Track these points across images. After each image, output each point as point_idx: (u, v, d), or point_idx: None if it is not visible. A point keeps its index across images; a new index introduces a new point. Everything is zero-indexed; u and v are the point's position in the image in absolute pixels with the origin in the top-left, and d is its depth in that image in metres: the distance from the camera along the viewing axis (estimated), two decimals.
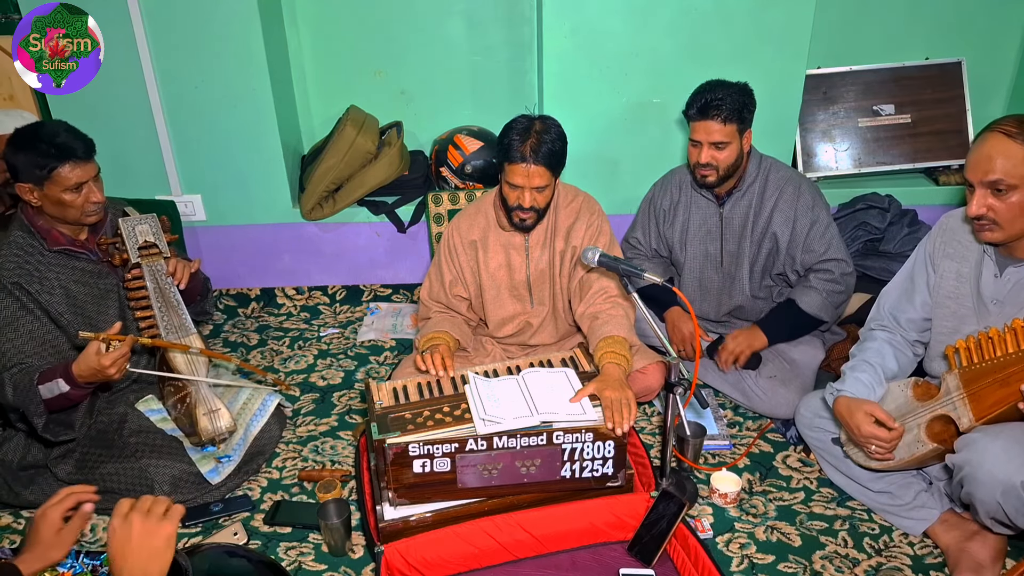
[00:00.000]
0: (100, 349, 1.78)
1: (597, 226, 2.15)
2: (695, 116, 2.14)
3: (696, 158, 2.19)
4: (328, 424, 2.39)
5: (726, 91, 2.10)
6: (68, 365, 1.81)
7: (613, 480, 1.85)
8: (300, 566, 1.85)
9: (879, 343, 1.93)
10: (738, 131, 2.15)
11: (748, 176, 2.27)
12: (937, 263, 1.82)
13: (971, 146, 1.62)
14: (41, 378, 1.83)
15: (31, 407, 1.85)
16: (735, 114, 2.10)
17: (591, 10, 2.60)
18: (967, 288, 1.75)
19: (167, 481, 1.95)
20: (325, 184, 2.85)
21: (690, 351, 2.41)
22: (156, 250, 2.08)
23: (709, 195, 2.33)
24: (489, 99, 3.05)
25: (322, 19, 2.92)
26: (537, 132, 1.94)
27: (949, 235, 1.81)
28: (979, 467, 1.58)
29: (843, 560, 1.83)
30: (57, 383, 1.82)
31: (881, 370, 1.88)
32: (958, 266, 1.78)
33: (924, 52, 3.01)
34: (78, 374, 1.80)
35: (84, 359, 1.79)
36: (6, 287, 1.88)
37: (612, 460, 1.82)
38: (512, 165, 1.95)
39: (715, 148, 2.15)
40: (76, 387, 1.83)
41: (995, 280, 1.70)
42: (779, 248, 2.30)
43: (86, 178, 1.89)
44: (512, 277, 2.18)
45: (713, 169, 2.19)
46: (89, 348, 1.79)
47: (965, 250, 1.77)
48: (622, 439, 1.79)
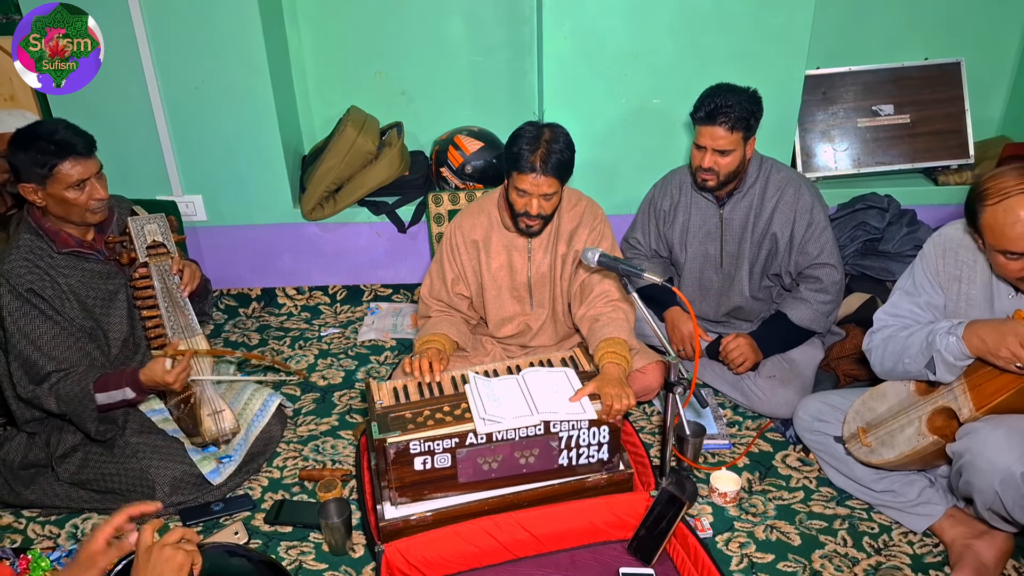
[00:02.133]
0: (167, 365, 1.91)
1: (599, 231, 2.15)
2: (702, 120, 2.13)
3: (699, 162, 2.19)
4: (329, 424, 2.39)
5: (736, 98, 2.09)
6: (135, 374, 1.92)
7: (610, 465, 1.87)
8: (301, 565, 1.85)
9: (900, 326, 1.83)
10: (743, 139, 2.15)
11: (749, 178, 2.27)
12: (946, 286, 1.79)
13: (992, 222, 1.54)
14: (98, 386, 1.90)
15: (85, 414, 1.90)
16: (742, 122, 2.10)
17: (591, 10, 2.60)
18: (976, 312, 1.73)
19: (168, 482, 1.95)
20: (326, 184, 2.86)
21: (689, 351, 2.42)
22: (164, 250, 2.08)
23: (710, 196, 2.33)
24: (489, 100, 3.06)
25: (323, 19, 2.93)
26: (547, 142, 1.93)
27: (951, 255, 1.76)
28: (979, 455, 1.58)
29: (843, 559, 1.83)
30: (123, 391, 1.92)
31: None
32: (967, 288, 1.74)
33: (923, 52, 3.01)
34: (145, 384, 1.93)
35: (151, 372, 1.92)
36: (22, 295, 1.87)
37: (607, 445, 1.84)
38: (521, 174, 1.95)
39: (719, 154, 2.15)
40: (141, 393, 1.96)
41: (1011, 299, 1.68)
42: (778, 249, 2.31)
43: (88, 174, 1.89)
44: (513, 278, 2.19)
45: (714, 174, 2.19)
46: (157, 363, 1.92)
47: (971, 270, 1.73)
48: (616, 424, 1.81)
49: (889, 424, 1.84)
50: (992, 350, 1.59)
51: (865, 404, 1.92)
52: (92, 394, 1.88)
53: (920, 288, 1.82)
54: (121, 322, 2.03)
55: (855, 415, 1.94)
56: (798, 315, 2.30)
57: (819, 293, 2.28)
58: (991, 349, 1.59)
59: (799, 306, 2.30)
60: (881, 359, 1.84)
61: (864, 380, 2.26)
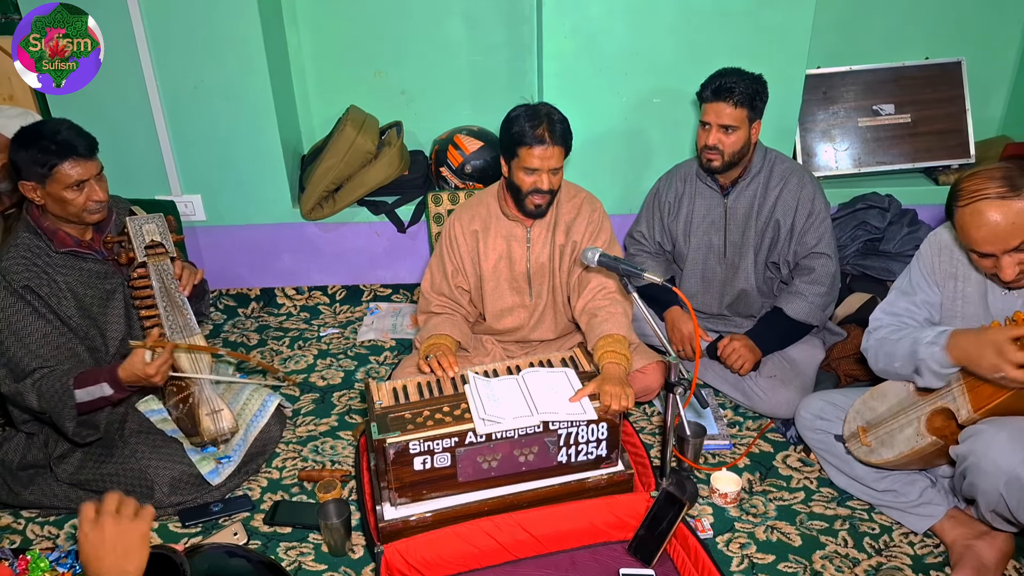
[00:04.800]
0: (146, 357, 1.85)
1: (598, 223, 2.16)
2: (708, 98, 2.18)
3: (704, 140, 2.22)
4: (328, 424, 2.39)
5: (741, 77, 2.15)
6: (113, 370, 1.87)
7: (608, 461, 1.87)
8: (300, 566, 1.85)
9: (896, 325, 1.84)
10: (748, 118, 2.17)
11: (753, 167, 2.29)
12: (941, 284, 1.79)
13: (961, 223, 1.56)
14: (78, 382, 1.86)
15: (63, 411, 1.86)
16: (747, 100, 2.14)
17: (591, 10, 2.60)
18: (972, 308, 1.73)
19: (167, 482, 1.95)
20: (325, 184, 2.85)
21: (689, 351, 2.41)
22: (162, 250, 2.08)
23: (714, 185, 2.34)
24: (489, 99, 3.05)
25: (322, 19, 2.92)
26: (546, 115, 1.97)
27: (947, 253, 1.77)
28: (983, 456, 1.57)
29: (843, 560, 1.83)
30: (101, 387, 1.86)
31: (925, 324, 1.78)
32: (962, 285, 1.75)
33: (924, 52, 3.01)
34: (124, 379, 1.87)
35: (131, 365, 1.86)
36: (17, 291, 1.87)
37: (605, 441, 1.84)
38: (529, 149, 1.96)
39: (723, 131, 2.18)
40: (120, 390, 1.89)
41: (1004, 296, 1.68)
42: (779, 237, 2.32)
43: (87, 176, 1.89)
44: (512, 269, 2.19)
45: (719, 153, 2.20)
46: (135, 356, 1.86)
47: (967, 268, 1.74)
48: (614, 420, 1.81)
49: (889, 424, 1.84)
50: (974, 361, 1.59)
51: (866, 404, 1.92)
52: (72, 390, 1.84)
53: (916, 287, 1.82)
54: (118, 321, 2.03)
55: (855, 414, 1.94)
56: (793, 309, 2.30)
57: (813, 285, 2.28)
58: (973, 360, 1.60)
59: (794, 300, 2.31)
60: (875, 360, 1.86)
61: (865, 380, 2.25)
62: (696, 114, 2.74)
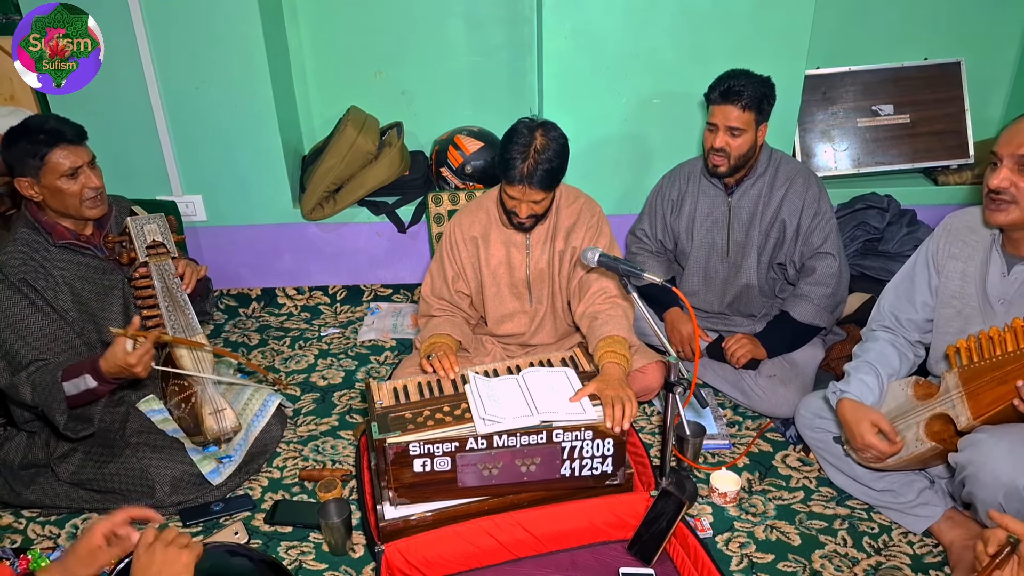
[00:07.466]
0: (127, 347, 1.79)
1: (596, 227, 2.15)
2: (716, 100, 2.18)
3: (711, 142, 2.22)
4: (329, 424, 2.39)
5: (750, 80, 2.15)
6: (95, 361, 1.83)
7: (612, 478, 1.86)
8: (301, 565, 1.85)
9: (881, 343, 1.93)
10: (755, 121, 2.17)
11: (759, 167, 2.30)
12: (941, 265, 1.82)
13: (1008, 126, 1.62)
14: (65, 375, 1.84)
15: (54, 404, 1.85)
16: (755, 103, 2.14)
17: (591, 10, 2.60)
18: (972, 288, 1.75)
19: (168, 482, 1.95)
20: (326, 184, 2.86)
21: (689, 352, 2.42)
22: (164, 250, 2.08)
23: (718, 184, 2.35)
24: (489, 100, 3.06)
25: (322, 19, 2.93)
26: (536, 152, 1.91)
27: (954, 236, 1.81)
28: (982, 467, 1.57)
29: (842, 559, 1.83)
30: (84, 379, 1.83)
31: (884, 371, 1.88)
32: (963, 266, 1.77)
33: (923, 52, 3.01)
34: (106, 370, 1.82)
35: (112, 355, 1.80)
36: (14, 284, 1.88)
37: (611, 458, 1.82)
38: (509, 184, 1.97)
39: (730, 134, 2.18)
40: (103, 382, 1.85)
41: (1002, 279, 1.69)
42: (785, 237, 2.32)
43: (80, 163, 1.89)
44: (512, 274, 2.19)
45: (725, 156, 2.21)
46: (117, 344, 1.80)
47: (971, 250, 1.76)
48: (621, 436, 1.80)
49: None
50: (850, 428, 1.83)
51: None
52: (60, 383, 1.84)
53: (917, 276, 1.88)
54: (117, 317, 2.03)
55: None
56: (800, 312, 2.30)
57: (817, 286, 2.28)
58: (850, 427, 1.84)
59: (800, 303, 2.30)
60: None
61: None
62: (699, 115, 2.74)
